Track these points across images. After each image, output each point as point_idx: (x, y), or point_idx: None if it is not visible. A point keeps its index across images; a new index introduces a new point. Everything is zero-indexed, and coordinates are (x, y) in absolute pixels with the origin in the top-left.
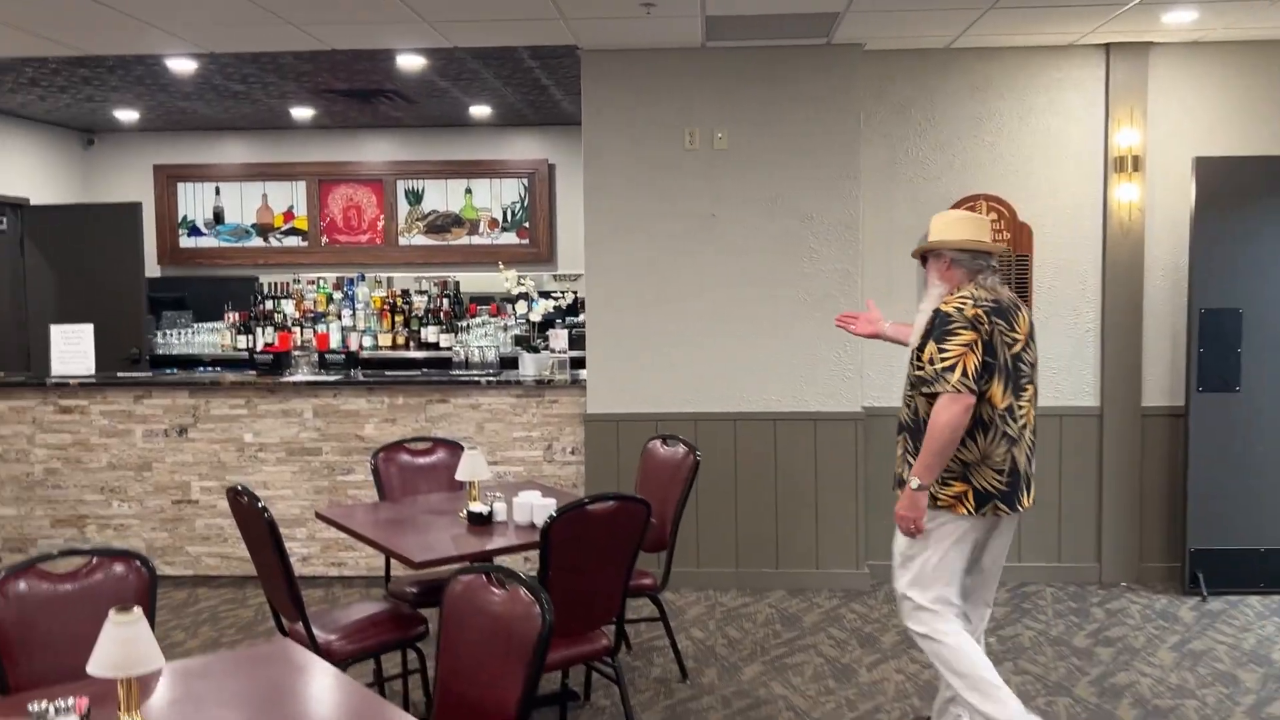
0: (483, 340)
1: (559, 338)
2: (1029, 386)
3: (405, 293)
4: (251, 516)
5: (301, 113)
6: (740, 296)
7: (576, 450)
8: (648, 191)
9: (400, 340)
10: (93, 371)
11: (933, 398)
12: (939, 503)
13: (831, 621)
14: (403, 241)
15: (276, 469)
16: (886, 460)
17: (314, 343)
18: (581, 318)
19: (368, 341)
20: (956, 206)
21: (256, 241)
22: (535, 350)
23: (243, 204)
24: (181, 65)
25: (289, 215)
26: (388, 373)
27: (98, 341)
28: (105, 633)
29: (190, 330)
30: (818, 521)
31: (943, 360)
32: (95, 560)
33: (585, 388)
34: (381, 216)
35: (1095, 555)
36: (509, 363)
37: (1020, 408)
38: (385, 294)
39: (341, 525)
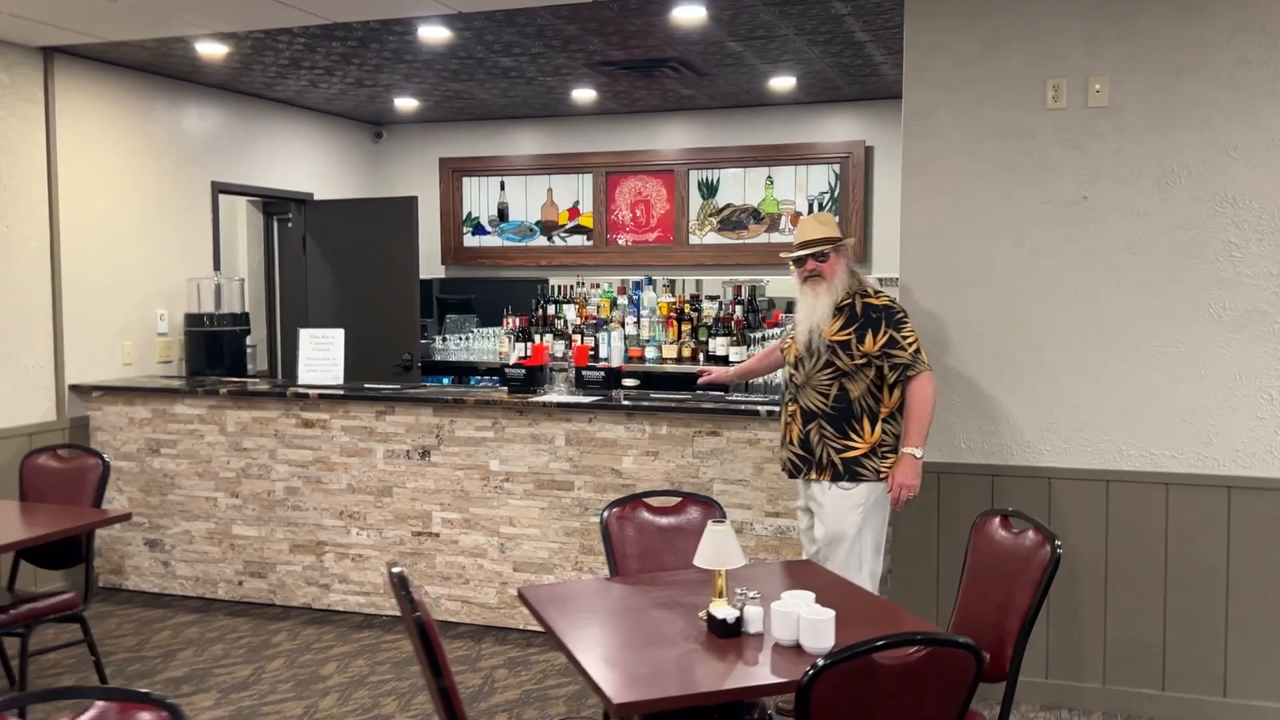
0: None
1: None
2: None
3: (694, 298)
4: (407, 613)
5: (583, 94)
6: (1119, 311)
7: None
8: (989, 169)
9: (687, 352)
10: (341, 381)
11: (890, 386)
12: (880, 475)
13: None
14: (693, 240)
15: (523, 503)
16: None
17: (571, 357)
18: None
19: (651, 353)
20: None
21: (540, 240)
22: None
23: (527, 199)
24: (433, 33)
25: (574, 211)
26: (653, 395)
27: (371, 345)
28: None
29: (470, 336)
30: (1228, 631)
31: (910, 345)
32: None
33: None
34: (672, 211)
35: None
36: None
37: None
38: (673, 299)
39: (541, 617)
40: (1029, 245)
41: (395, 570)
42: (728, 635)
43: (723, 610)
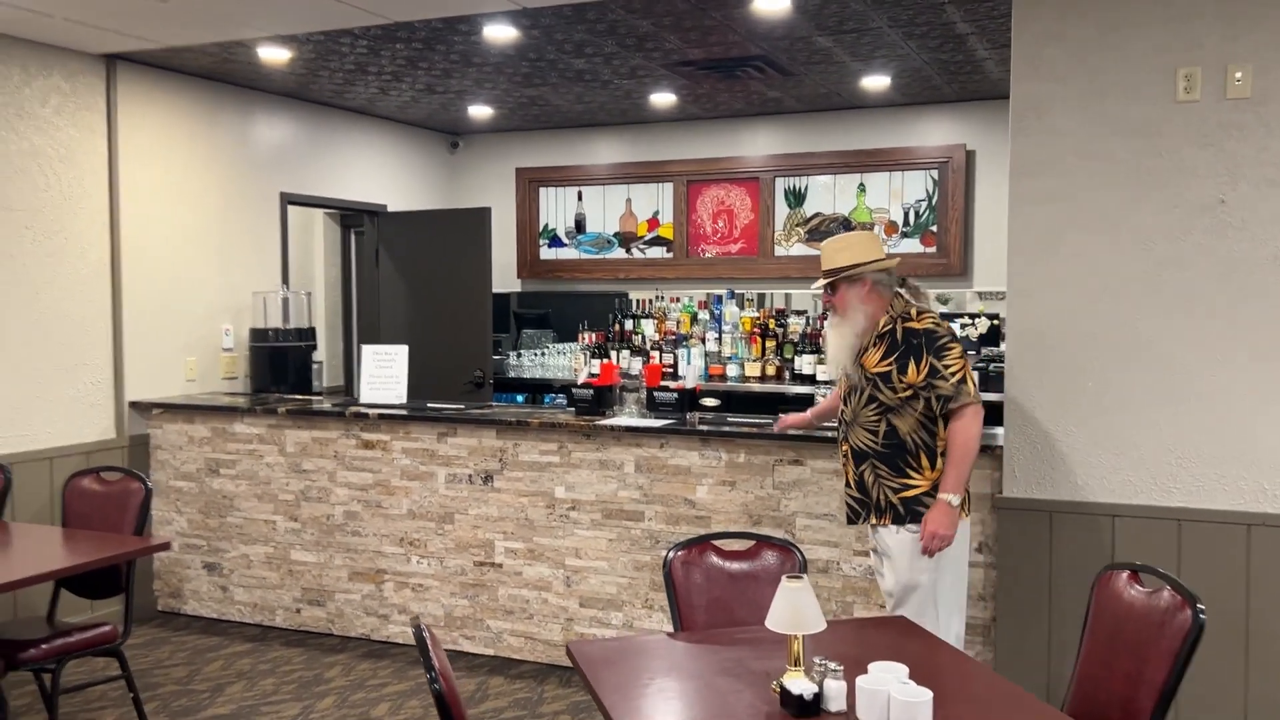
0: None
1: None
2: None
3: (780, 313)
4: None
5: (663, 99)
6: (1263, 330)
7: (985, 547)
8: (1110, 169)
9: (771, 370)
10: (404, 400)
11: (939, 416)
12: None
13: None
14: (779, 251)
15: (590, 534)
16: None
17: (643, 376)
18: (1002, 349)
19: (733, 370)
20: None
21: (618, 253)
22: None
23: (605, 210)
24: (500, 32)
25: (654, 222)
26: (731, 419)
27: (443, 361)
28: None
29: (545, 351)
30: None
31: (954, 375)
32: None
33: (1000, 458)
34: (756, 221)
35: None
36: None
37: None
38: (757, 314)
39: (589, 683)
40: (1157, 255)
41: (417, 628)
42: (804, 715)
43: (799, 684)
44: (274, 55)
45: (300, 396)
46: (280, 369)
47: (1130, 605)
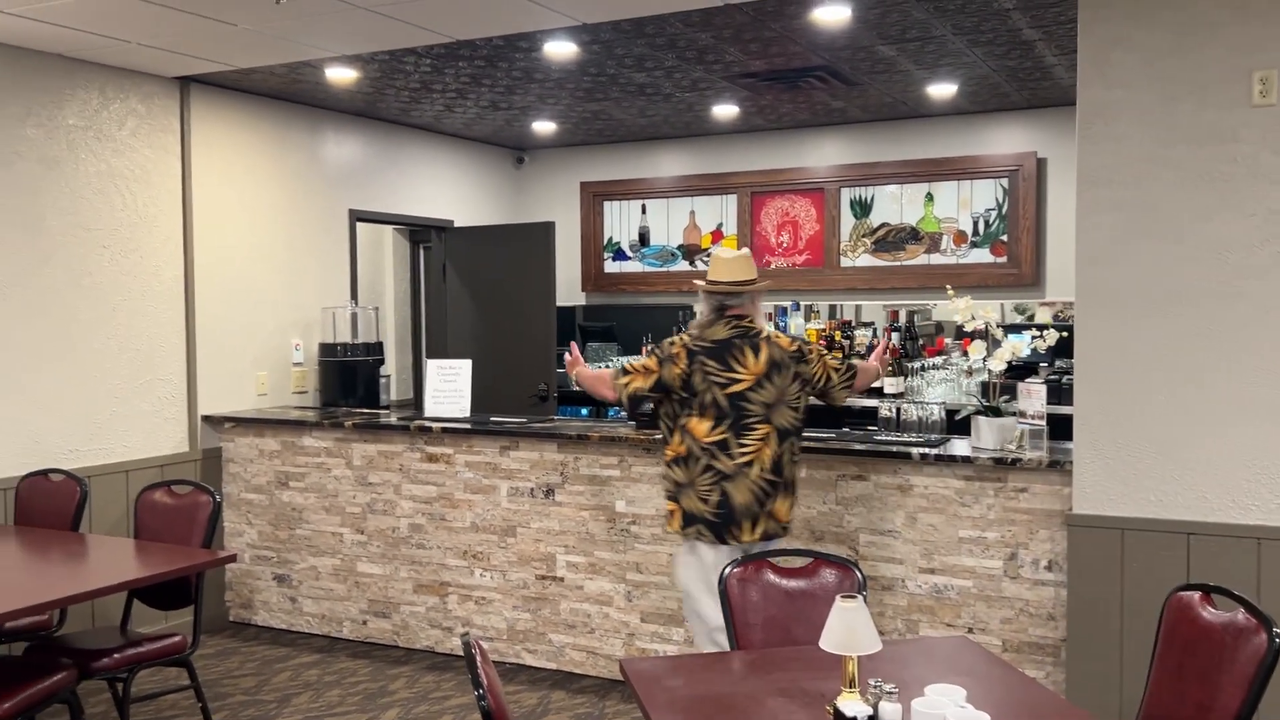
0: (938, 390)
1: (1032, 395)
2: (759, 426)
3: (846, 324)
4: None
5: (725, 111)
6: None
7: (1055, 565)
8: (1182, 177)
9: None
10: (468, 413)
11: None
12: (668, 526)
13: None
14: (845, 262)
15: (650, 549)
16: None
17: None
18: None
19: None
20: None
21: (682, 265)
22: (996, 412)
23: (669, 223)
24: (561, 48)
25: (717, 234)
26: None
27: (508, 375)
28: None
29: (609, 364)
30: None
31: (818, 355)
32: None
33: (1070, 473)
34: (822, 233)
35: None
36: (961, 426)
37: (743, 445)
38: (823, 326)
39: (641, 702)
40: (1233, 264)
41: (466, 643)
42: None
43: (853, 706)
44: (341, 75)
45: (367, 410)
46: (349, 383)
47: (1202, 629)
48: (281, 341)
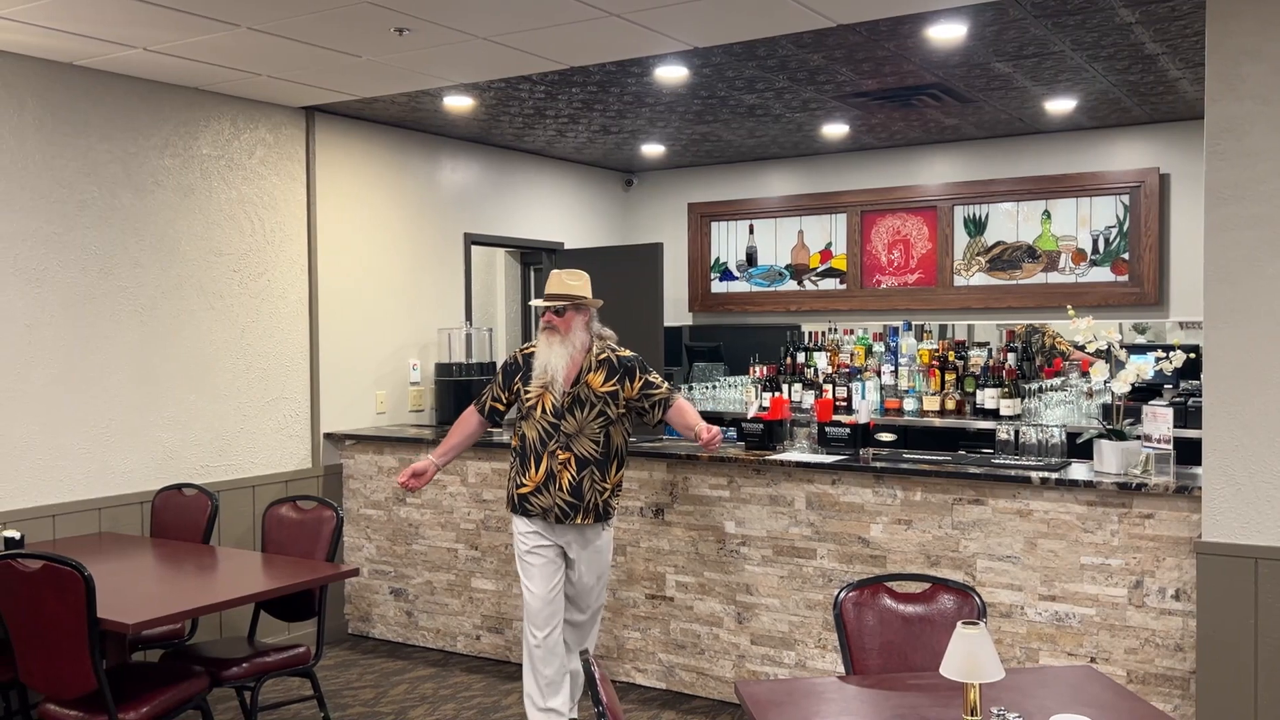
0: (1056, 412)
1: (1158, 418)
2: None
3: (960, 344)
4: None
5: (835, 130)
6: None
7: (1183, 594)
8: None
9: (950, 404)
10: None
11: (658, 421)
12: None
13: None
14: (958, 281)
15: (761, 570)
16: None
17: (814, 411)
18: (1200, 383)
19: (910, 405)
20: None
21: (790, 285)
22: (1120, 436)
23: (776, 243)
24: (671, 72)
25: (826, 254)
26: (906, 455)
27: None
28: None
29: (716, 385)
30: None
31: (662, 382)
32: None
33: (1199, 499)
34: (934, 251)
35: None
36: (1082, 450)
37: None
38: (935, 346)
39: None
40: None
41: (585, 661)
42: None
43: None
44: (458, 103)
45: None
46: (464, 402)
47: None
48: (399, 362)
